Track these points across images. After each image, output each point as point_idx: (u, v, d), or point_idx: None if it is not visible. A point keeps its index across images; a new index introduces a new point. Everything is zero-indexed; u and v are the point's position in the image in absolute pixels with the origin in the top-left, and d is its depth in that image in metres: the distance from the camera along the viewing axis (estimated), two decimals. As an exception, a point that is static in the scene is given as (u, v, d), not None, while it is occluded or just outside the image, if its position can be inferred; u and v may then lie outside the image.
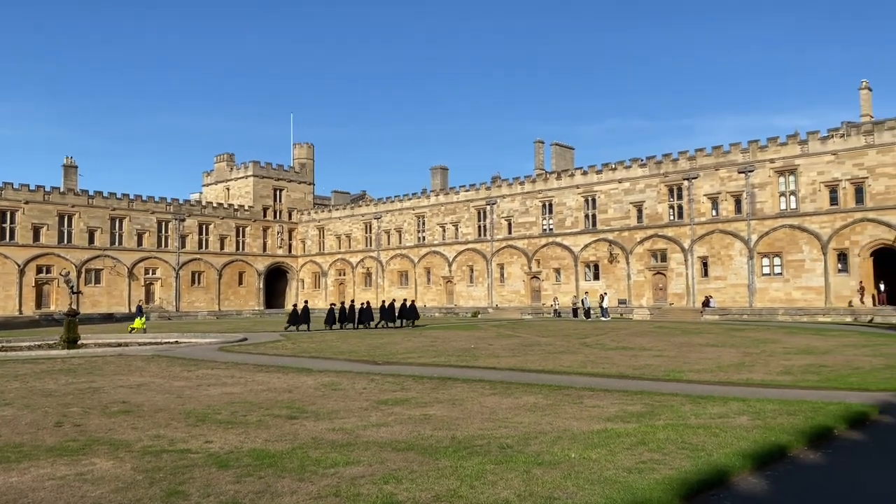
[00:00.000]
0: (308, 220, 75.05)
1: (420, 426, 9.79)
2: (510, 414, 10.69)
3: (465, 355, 21.11)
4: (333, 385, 14.44)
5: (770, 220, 44.38)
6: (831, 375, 14.96)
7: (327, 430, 9.66)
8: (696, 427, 9.28)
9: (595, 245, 52.63)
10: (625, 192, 51.33)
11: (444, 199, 63.30)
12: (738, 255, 45.66)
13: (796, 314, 40.88)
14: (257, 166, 73.08)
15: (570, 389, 13.20)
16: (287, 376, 16.19)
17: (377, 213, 68.74)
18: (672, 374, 15.61)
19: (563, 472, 7.06)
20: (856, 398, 11.61)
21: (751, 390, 12.92)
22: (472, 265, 60.47)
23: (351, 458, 7.85)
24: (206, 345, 27.29)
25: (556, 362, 18.78)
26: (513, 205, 57.94)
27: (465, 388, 13.69)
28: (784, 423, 9.35)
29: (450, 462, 7.59)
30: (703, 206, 47.42)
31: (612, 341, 25.86)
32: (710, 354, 20.24)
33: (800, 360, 18.33)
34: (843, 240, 41.68)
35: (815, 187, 42.75)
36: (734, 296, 45.49)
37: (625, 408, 11.06)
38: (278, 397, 12.91)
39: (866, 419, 10.05)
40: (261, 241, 72.66)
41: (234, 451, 8.33)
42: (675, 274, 48.55)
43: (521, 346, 24.20)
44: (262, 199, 72.92)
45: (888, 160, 40.29)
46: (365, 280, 69.26)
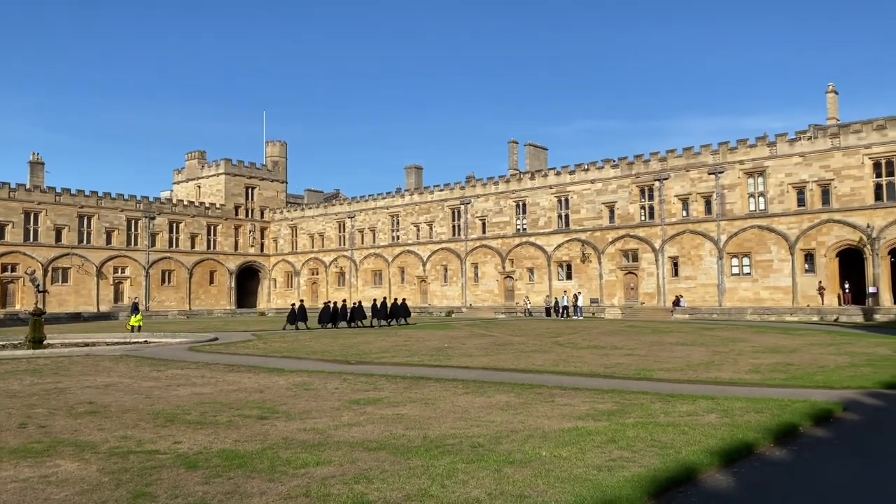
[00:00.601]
0: (281, 218, 74.48)
1: (392, 426, 9.76)
2: (482, 413, 10.71)
3: (438, 354, 21.11)
4: (305, 385, 14.34)
5: (739, 220, 45.05)
6: (798, 374, 15.22)
7: (298, 430, 9.59)
8: (666, 425, 9.38)
9: (568, 245, 52.98)
10: (597, 192, 51.75)
11: (419, 199, 63.25)
12: (707, 256, 46.28)
13: (764, 313, 41.55)
14: (229, 164, 72.34)
15: (542, 388, 13.26)
16: (258, 376, 16.04)
17: (351, 212, 68.46)
18: (642, 373, 15.77)
19: (534, 471, 7.09)
20: (821, 396, 11.83)
21: (719, 388, 13.09)
22: (447, 265, 60.52)
23: (322, 459, 7.80)
24: (176, 344, 26.94)
25: (529, 361, 18.86)
26: (487, 204, 58.10)
27: (437, 387, 13.69)
28: (751, 421, 9.49)
29: (421, 461, 7.58)
30: (673, 206, 47.97)
31: (584, 340, 26.05)
32: (680, 353, 20.48)
33: (767, 358, 18.62)
34: (809, 240, 42.47)
35: (784, 189, 43.50)
36: (704, 295, 46.10)
37: (596, 406, 11.14)
38: (249, 397, 12.79)
39: (831, 416, 10.24)
40: (232, 240, 71.95)
41: (203, 452, 8.24)
42: (646, 274, 49.06)
43: (495, 346, 24.27)
44: (233, 198, 72.20)
45: (853, 162, 41.14)
46: (338, 279, 68.93)
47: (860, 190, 40.94)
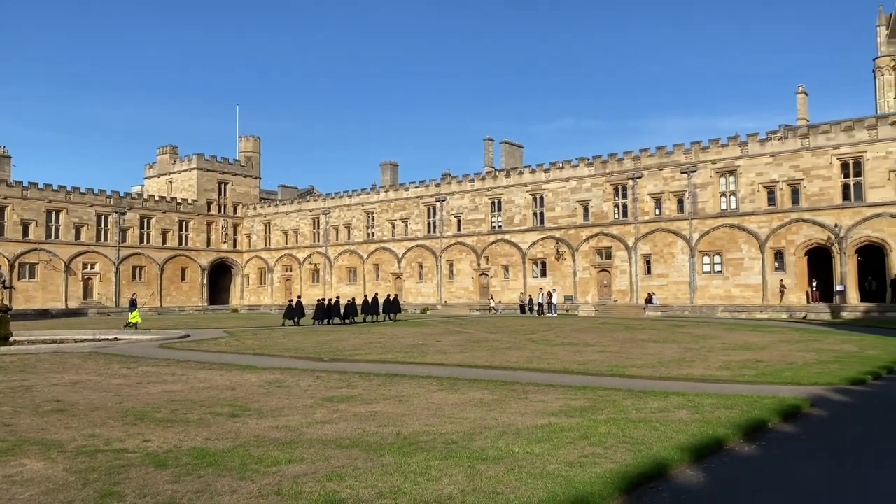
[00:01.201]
0: (254, 214, 73.82)
1: (365, 423, 9.72)
2: (456, 410, 10.71)
3: (412, 352, 21.09)
4: (278, 382, 14.23)
5: (711, 219, 45.62)
6: (767, 370, 15.45)
7: (270, 427, 9.51)
8: (637, 421, 9.46)
9: (543, 242, 53.22)
10: (572, 190, 52.04)
11: (394, 196, 63.08)
12: (680, 254, 46.80)
13: (735, 311, 42.14)
14: (201, 159, 71.48)
15: (516, 385, 13.31)
16: (230, 374, 15.89)
17: (325, 208, 68.06)
18: (615, 370, 15.90)
19: (507, 467, 7.11)
20: (789, 392, 12.02)
21: (690, 385, 13.25)
22: (422, 262, 60.46)
23: (294, 456, 7.74)
24: (147, 341, 26.59)
25: (503, 358, 18.92)
26: (462, 202, 58.13)
27: (411, 384, 13.67)
28: (721, 417, 9.61)
29: (394, 459, 7.56)
30: (646, 205, 48.42)
31: (558, 337, 26.20)
32: (652, 350, 20.69)
33: (738, 355, 18.89)
34: (779, 239, 43.14)
35: (754, 188, 44.12)
36: (676, 293, 46.62)
37: (569, 403, 11.21)
38: (221, 395, 12.66)
39: (798, 412, 10.41)
40: (204, 236, 71.13)
41: (174, 451, 8.13)
42: (619, 271, 49.47)
43: (469, 343, 24.31)
44: (206, 193, 71.37)
45: (822, 163, 41.85)
46: (312, 276, 68.52)
47: (829, 190, 41.66)
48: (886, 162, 39.80)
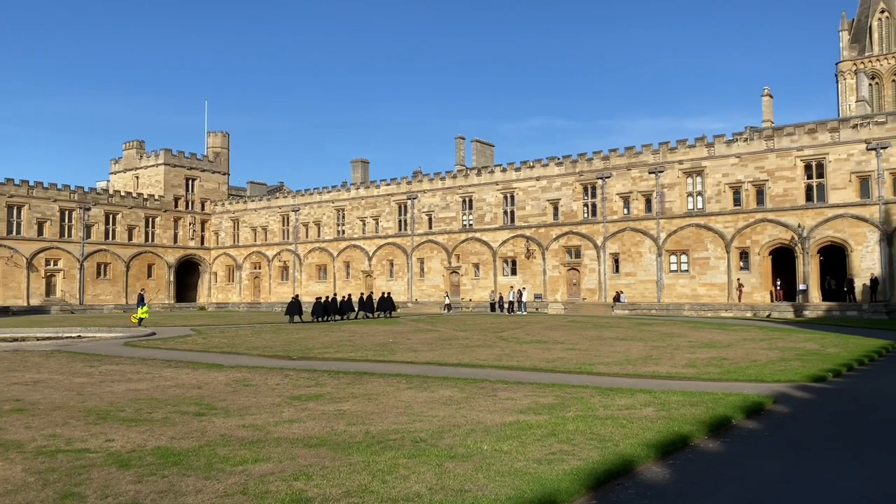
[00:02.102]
0: (222, 211, 72.91)
1: (334, 422, 9.67)
2: (425, 408, 10.70)
3: (382, 350, 21.03)
4: (245, 381, 14.09)
5: (678, 219, 46.21)
6: (732, 368, 15.71)
7: (237, 426, 9.41)
8: (605, 418, 9.55)
9: (513, 241, 53.43)
10: (542, 189, 52.32)
11: (365, 193, 62.79)
12: (647, 253, 47.33)
13: (701, 309, 42.76)
14: (169, 154, 70.39)
15: (485, 383, 13.35)
16: (197, 372, 15.68)
17: (295, 205, 67.49)
18: (583, 367, 16.03)
19: (475, 465, 7.12)
20: (753, 389, 12.24)
21: (657, 382, 13.41)
22: (393, 259, 60.30)
23: (260, 455, 7.67)
24: (112, 339, 26.13)
25: (473, 356, 18.96)
26: (433, 200, 58.09)
27: (381, 382, 13.63)
28: (687, 414, 9.75)
29: (362, 457, 7.53)
30: (615, 204, 48.89)
31: (528, 335, 26.32)
32: (620, 348, 20.90)
33: (703, 353, 19.17)
34: (745, 239, 43.86)
35: (721, 188, 44.80)
36: (643, 291, 47.15)
37: (537, 400, 11.27)
38: (187, 393, 12.50)
39: (762, 409, 10.61)
40: (172, 233, 70.08)
41: (137, 450, 8.00)
42: (588, 270, 49.88)
43: (439, 341, 24.31)
44: (173, 189, 70.31)
45: (786, 164, 42.65)
46: (281, 274, 67.92)
47: (792, 191, 42.47)
48: (848, 164, 40.71)
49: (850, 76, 71.44)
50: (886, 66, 71.11)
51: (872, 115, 47.76)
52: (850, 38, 73.71)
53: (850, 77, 71.34)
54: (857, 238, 40.32)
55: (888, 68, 71.05)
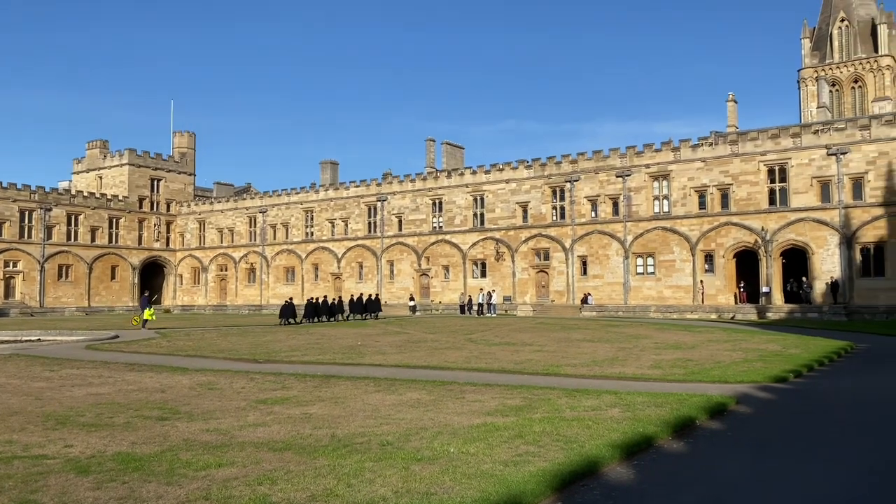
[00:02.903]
0: (188, 212, 71.88)
1: (300, 425, 9.58)
2: (393, 411, 10.66)
3: (350, 352, 20.92)
4: (210, 384, 13.89)
5: (644, 222, 46.76)
6: (696, 369, 15.93)
7: (201, 431, 9.27)
8: (571, 420, 9.61)
9: (483, 243, 53.57)
10: (511, 192, 52.56)
11: (334, 194, 62.43)
12: (614, 255, 47.81)
13: (667, 311, 43.32)
14: (133, 154, 69.19)
15: (454, 385, 13.34)
16: (160, 376, 15.43)
17: (263, 206, 66.82)
18: (551, 369, 16.12)
19: (442, 468, 7.11)
20: (716, 390, 12.42)
21: (623, 384, 13.54)
22: (362, 261, 60.03)
23: (224, 460, 7.56)
24: (73, 343, 25.58)
25: (442, 358, 18.95)
26: (403, 202, 57.98)
27: (348, 385, 13.55)
28: (652, 415, 9.85)
29: (328, 461, 7.47)
30: (583, 207, 49.30)
31: (496, 337, 26.40)
32: (587, 349, 21.07)
33: (669, 354, 19.41)
34: (709, 242, 44.55)
35: (686, 192, 45.45)
36: (611, 293, 47.61)
37: (505, 402, 11.30)
38: (149, 397, 12.28)
39: (725, 409, 10.77)
40: (136, 234, 68.88)
41: (97, 456, 7.83)
42: (556, 272, 50.22)
43: (408, 343, 24.26)
44: (138, 190, 69.12)
45: (750, 168, 43.44)
46: (248, 276, 67.17)
47: (756, 195, 43.26)
48: (809, 169, 41.60)
49: (812, 83, 73.08)
50: (846, 74, 72.87)
51: (833, 121, 48.87)
52: (812, 46, 75.41)
53: (812, 84, 72.99)
54: (818, 241, 41.21)
55: (848, 75, 72.82)
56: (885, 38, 70.88)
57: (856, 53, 72.35)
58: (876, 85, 70.69)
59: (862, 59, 71.98)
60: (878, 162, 39.72)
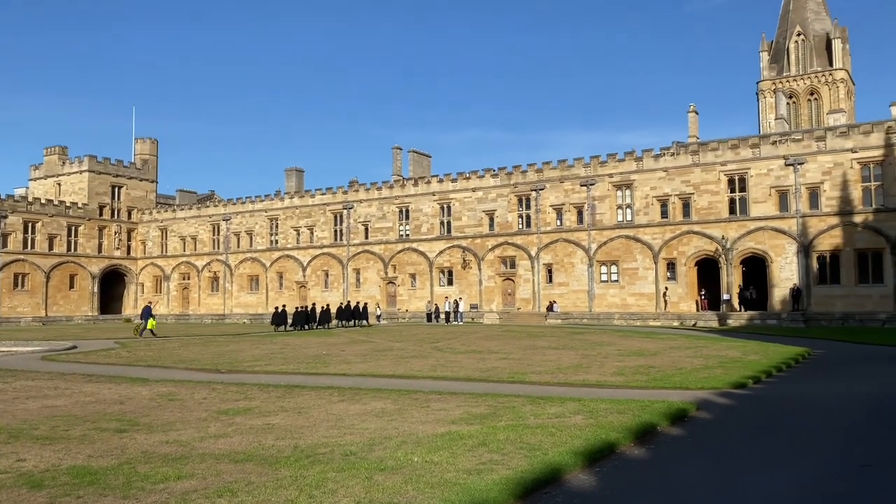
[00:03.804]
0: (150, 220, 70.69)
1: (262, 436, 9.46)
2: (357, 420, 10.59)
3: (315, 362, 20.73)
4: (171, 395, 13.65)
5: (608, 230, 47.33)
6: (658, 376, 16.13)
7: (160, 443, 9.10)
8: (535, 427, 9.65)
9: (450, 251, 53.66)
10: (478, 200, 52.77)
11: (300, 202, 61.97)
12: (579, 263, 48.28)
13: (631, 318, 43.85)
14: (94, 161, 67.85)
15: (419, 393, 13.31)
16: (119, 387, 15.11)
17: (226, 214, 66.00)
18: (516, 376, 16.19)
19: (405, 477, 7.08)
20: (678, 396, 12.59)
21: (586, 391, 13.66)
22: (328, 270, 59.62)
23: (184, 472, 7.43)
24: (28, 353, 24.93)
25: (407, 367, 18.90)
26: (370, 210, 57.81)
27: (312, 395, 13.43)
28: (614, 422, 9.94)
29: (290, 472, 7.39)
30: (548, 216, 49.73)
31: (463, 345, 26.42)
32: (552, 357, 21.20)
33: (631, 361, 19.63)
34: (671, 250, 45.27)
35: (649, 201, 46.14)
36: (576, 301, 48.03)
37: (470, 410, 11.30)
38: (107, 409, 12.02)
39: (686, 416, 10.92)
40: (96, 242, 67.45)
41: (51, 470, 7.63)
42: (522, 280, 50.51)
43: (374, 352, 24.14)
44: (98, 197, 67.76)
45: (711, 178, 44.29)
46: (211, 284, 66.23)
47: (716, 204, 44.11)
48: (768, 179, 42.57)
49: (770, 95, 74.88)
50: (802, 86, 74.84)
51: (790, 132, 50.11)
52: (770, 59, 77.32)
53: (770, 96, 74.77)
54: (776, 250, 42.15)
55: (804, 88, 74.80)
56: (839, 52, 73.02)
57: (812, 67, 74.39)
58: (831, 97, 72.73)
59: (817, 72, 74.03)
60: (833, 172, 40.82)
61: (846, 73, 73.89)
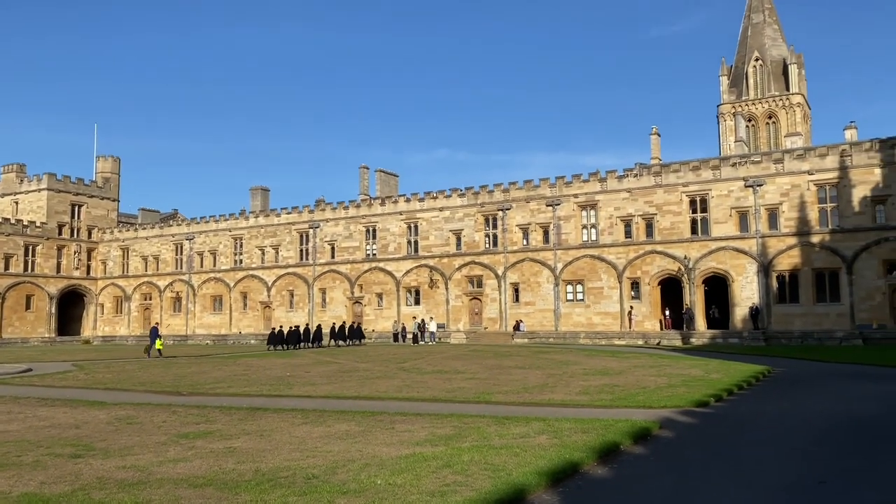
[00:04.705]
0: (111, 239, 69.38)
1: (223, 460, 9.28)
2: (320, 443, 10.46)
3: (279, 384, 20.45)
4: (129, 419, 13.33)
5: (574, 250, 47.80)
6: (622, 394, 16.25)
7: (117, 468, 8.87)
8: (500, 448, 9.64)
9: (417, 271, 53.59)
10: (445, 220, 52.92)
11: (265, 221, 61.42)
12: (545, 282, 48.60)
13: (596, 337, 44.18)
14: (53, 179, 66.50)
15: (384, 415, 13.20)
16: (76, 410, 14.71)
17: (190, 233, 65.11)
18: (482, 397, 16.16)
19: (367, 500, 7.01)
20: (641, 415, 12.69)
21: (551, 410, 13.69)
22: (293, 290, 59.05)
23: (140, 498, 7.25)
24: (-20, 377, 24.11)
25: (373, 388, 18.75)
26: (337, 229, 57.55)
27: (275, 418, 13.24)
28: (578, 441, 9.98)
29: (251, 496, 7.26)
30: (515, 235, 50.07)
31: (429, 365, 26.32)
32: (518, 376, 21.23)
33: (596, 380, 19.75)
34: (635, 270, 45.85)
35: (613, 221, 46.77)
36: (542, 320, 48.28)
37: (434, 431, 11.25)
38: (63, 434, 11.69)
39: (649, 434, 11.01)
40: (54, 262, 65.92)
41: (1, 498, 7.38)
42: (489, 299, 50.64)
43: (339, 373, 23.91)
44: (57, 216, 66.35)
45: (673, 199, 45.10)
46: (174, 305, 65.10)
47: (679, 224, 44.89)
48: (728, 200, 43.49)
49: (730, 118, 76.78)
50: (761, 110, 76.93)
51: (749, 154, 51.39)
52: (730, 83, 79.37)
53: (730, 118, 76.68)
54: (737, 269, 42.97)
55: (762, 111, 76.89)
56: (795, 77, 75.32)
57: (769, 91, 76.56)
58: (788, 121, 74.86)
59: (775, 96, 76.22)
60: (791, 194, 41.88)
61: (802, 97, 76.19)
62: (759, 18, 79.27)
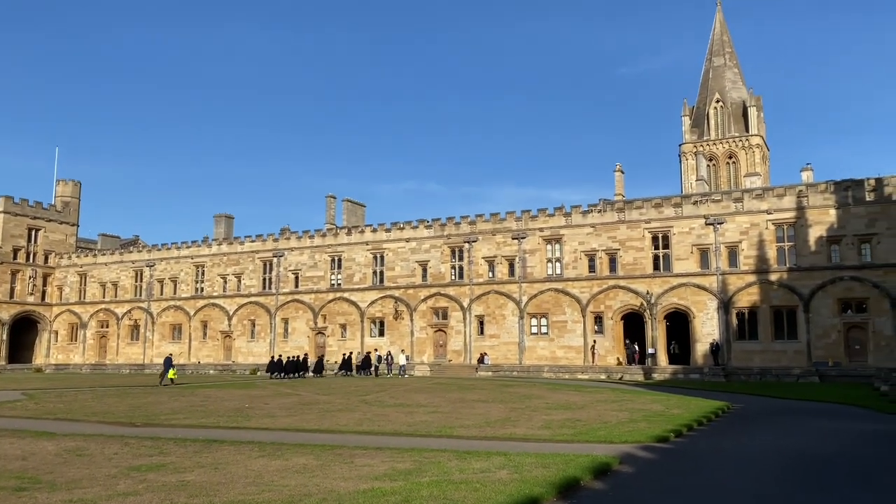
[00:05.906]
0: (68, 264, 67.77)
1: (174, 494, 9.02)
2: (277, 477, 10.24)
3: (237, 416, 20.04)
4: (79, 450, 12.90)
5: (539, 283, 48.07)
6: (584, 429, 16.27)
7: (62, 501, 8.56)
8: (459, 483, 9.54)
9: (382, 301, 53.28)
10: (411, 251, 52.87)
11: (228, 249, 60.64)
12: (510, 315, 48.70)
13: (559, 371, 44.26)
14: (9, 202, 64.94)
15: (343, 449, 13.01)
16: (23, 441, 14.21)
17: (151, 260, 63.91)
18: (444, 430, 16.03)
19: (323, 537, 6.85)
20: (602, 450, 12.71)
21: (513, 444, 13.63)
22: (255, 319, 58.17)
23: (85, 535, 6.98)
24: (-77, 406, 23.18)
25: (333, 421, 18.48)
26: (301, 258, 57.06)
27: (231, 450, 12.94)
28: (538, 476, 9.93)
29: (202, 532, 7.04)
30: (481, 267, 50.21)
31: (391, 398, 26.06)
32: (481, 410, 21.13)
33: (559, 414, 19.75)
34: (599, 304, 46.22)
35: (577, 255, 47.22)
36: (506, 353, 48.25)
37: (394, 465, 11.10)
38: (7, 466, 11.26)
39: (609, 469, 11.01)
40: (8, 287, 64.07)
41: (-64, 534, 7.05)
42: (454, 332, 50.50)
43: (299, 405, 23.53)
44: (13, 239, 64.67)
45: (636, 235, 45.77)
46: (131, 333, 63.54)
47: (641, 260, 45.51)
48: (690, 237, 44.30)
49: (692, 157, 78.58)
50: (721, 150, 78.94)
51: (710, 193, 52.55)
52: (692, 123, 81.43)
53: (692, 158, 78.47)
54: (698, 305, 43.60)
55: (723, 151, 78.89)
56: (755, 119, 77.64)
57: (730, 132, 78.70)
58: (747, 161, 76.91)
59: (735, 137, 78.35)
60: (750, 232, 42.83)
61: (761, 138, 78.46)
62: (721, 61, 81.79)
